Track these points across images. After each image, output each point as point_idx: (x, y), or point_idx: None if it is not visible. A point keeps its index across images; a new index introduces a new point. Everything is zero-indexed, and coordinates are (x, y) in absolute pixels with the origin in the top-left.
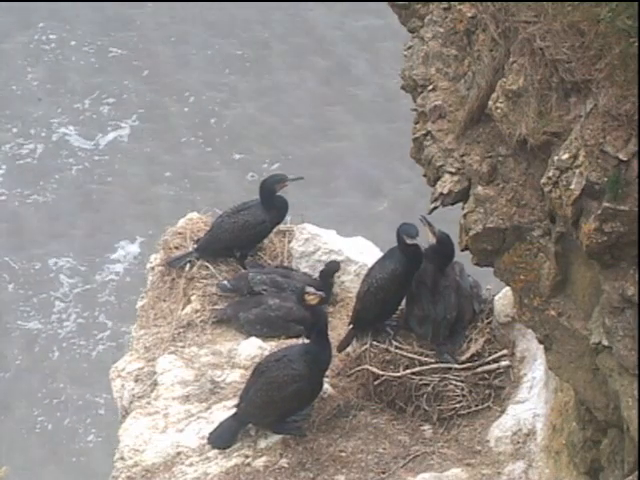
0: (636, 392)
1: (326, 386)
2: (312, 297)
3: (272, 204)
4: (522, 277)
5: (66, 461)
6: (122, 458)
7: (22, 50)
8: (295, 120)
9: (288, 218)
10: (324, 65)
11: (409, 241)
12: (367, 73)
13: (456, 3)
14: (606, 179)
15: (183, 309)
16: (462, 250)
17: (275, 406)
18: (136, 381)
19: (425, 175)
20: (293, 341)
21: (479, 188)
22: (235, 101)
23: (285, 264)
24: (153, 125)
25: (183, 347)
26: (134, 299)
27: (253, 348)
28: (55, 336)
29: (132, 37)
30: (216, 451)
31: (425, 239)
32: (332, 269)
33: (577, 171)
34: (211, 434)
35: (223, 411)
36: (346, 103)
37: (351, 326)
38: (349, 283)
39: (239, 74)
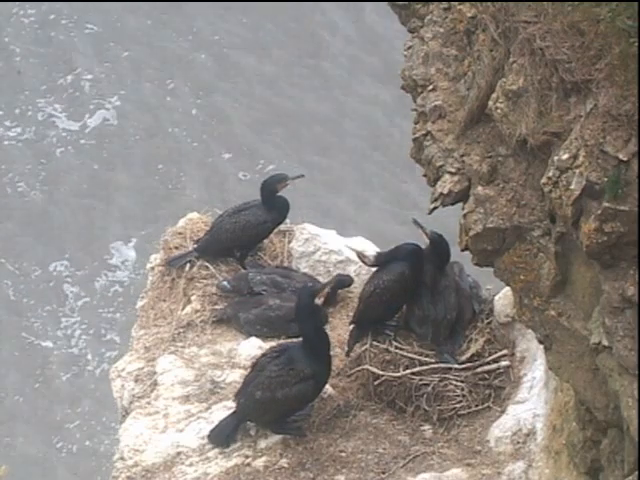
0: (636, 392)
1: (326, 386)
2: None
3: (273, 204)
4: (522, 277)
5: None
6: (122, 458)
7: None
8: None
9: (288, 219)
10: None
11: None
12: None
13: (456, 3)
14: (606, 179)
15: (183, 309)
16: (462, 250)
17: (276, 404)
18: (136, 381)
19: (425, 175)
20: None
21: (479, 188)
22: (218, 89)
23: (285, 264)
24: (136, 110)
25: (183, 347)
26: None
27: (253, 348)
28: (65, 355)
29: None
30: (216, 451)
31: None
32: (345, 283)
33: (577, 171)
34: (211, 432)
35: (223, 411)
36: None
37: (352, 326)
38: None
39: (221, 59)
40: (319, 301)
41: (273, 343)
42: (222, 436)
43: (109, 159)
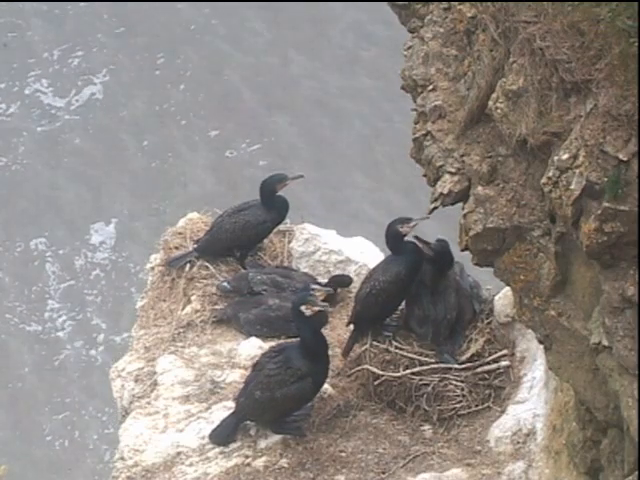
0: (636, 392)
1: (326, 386)
2: (319, 293)
3: (273, 204)
4: (522, 277)
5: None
6: (122, 458)
7: None
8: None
9: (288, 219)
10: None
11: (404, 230)
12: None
13: (456, 3)
14: (606, 179)
15: (183, 309)
16: (462, 250)
17: (276, 403)
18: (136, 381)
19: (425, 175)
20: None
21: (479, 188)
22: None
23: (285, 264)
24: (126, 84)
25: (183, 347)
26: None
27: (253, 348)
28: (52, 340)
29: None
30: (216, 451)
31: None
32: (344, 282)
33: (577, 171)
34: (212, 432)
35: (223, 411)
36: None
37: (352, 327)
38: None
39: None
40: (308, 312)
41: (273, 343)
42: (222, 435)
43: (94, 135)
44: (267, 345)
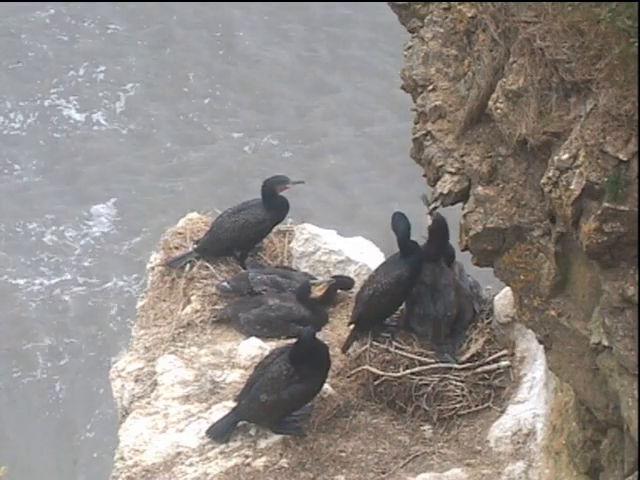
0: (636, 392)
1: (326, 386)
2: (319, 287)
3: (273, 204)
4: (522, 277)
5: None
6: (122, 458)
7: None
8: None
9: (289, 219)
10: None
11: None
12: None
13: (456, 3)
14: (606, 179)
15: (183, 309)
16: (462, 250)
17: (282, 404)
18: (136, 381)
19: (425, 175)
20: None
21: (479, 188)
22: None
23: (285, 264)
24: (151, 94)
25: (183, 347)
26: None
27: (253, 348)
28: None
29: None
30: (216, 451)
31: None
32: (345, 285)
33: (577, 171)
34: (211, 427)
35: (223, 411)
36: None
37: (352, 326)
38: None
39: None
40: (318, 293)
41: (273, 343)
42: (221, 432)
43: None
44: (267, 345)
